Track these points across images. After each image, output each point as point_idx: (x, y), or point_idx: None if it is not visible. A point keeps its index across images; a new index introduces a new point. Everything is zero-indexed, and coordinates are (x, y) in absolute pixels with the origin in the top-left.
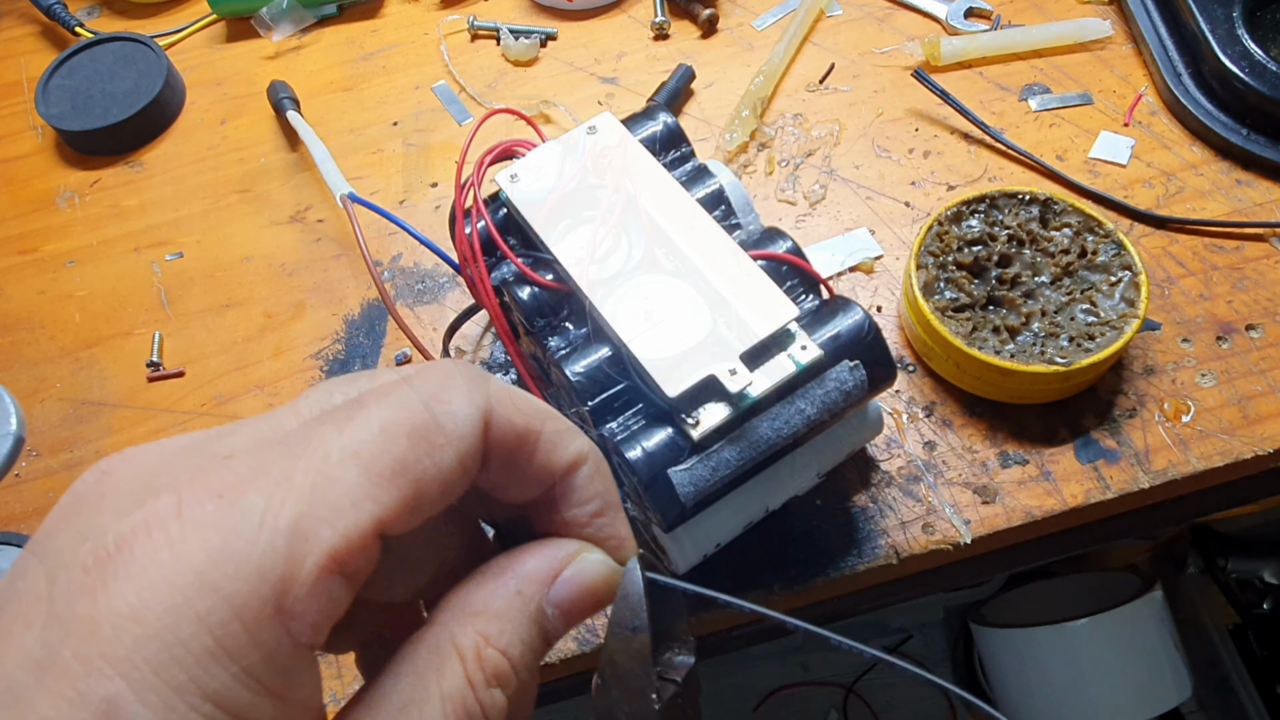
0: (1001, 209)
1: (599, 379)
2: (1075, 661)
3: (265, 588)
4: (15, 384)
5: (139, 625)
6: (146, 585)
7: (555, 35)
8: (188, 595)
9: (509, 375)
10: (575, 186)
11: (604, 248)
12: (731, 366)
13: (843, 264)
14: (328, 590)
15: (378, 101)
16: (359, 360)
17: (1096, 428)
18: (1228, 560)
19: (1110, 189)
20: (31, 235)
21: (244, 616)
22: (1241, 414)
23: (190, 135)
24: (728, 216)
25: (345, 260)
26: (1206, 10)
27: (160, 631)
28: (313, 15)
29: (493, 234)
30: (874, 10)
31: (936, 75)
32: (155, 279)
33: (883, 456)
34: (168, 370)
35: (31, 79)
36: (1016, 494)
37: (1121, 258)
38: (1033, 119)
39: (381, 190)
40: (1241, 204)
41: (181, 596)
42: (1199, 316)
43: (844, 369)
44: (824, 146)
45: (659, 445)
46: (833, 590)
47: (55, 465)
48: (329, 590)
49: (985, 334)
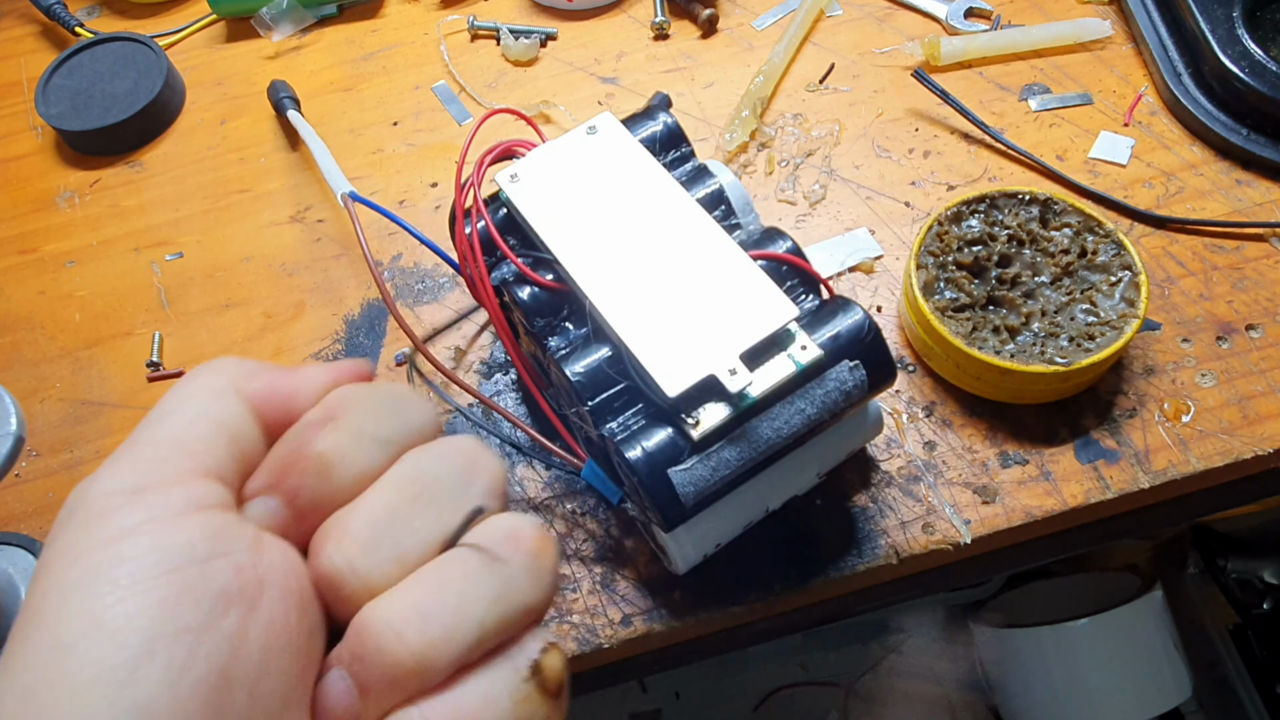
0: (1001, 209)
1: (599, 379)
2: (1075, 661)
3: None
4: (15, 384)
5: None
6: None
7: (555, 35)
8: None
9: (509, 375)
10: (575, 186)
11: (604, 248)
12: (731, 366)
13: (843, 264)
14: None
15: (378, 101)
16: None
17: (1096, 428)
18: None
19: (1110, 189)
20: (31, 235)
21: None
22: (1241, 414)
23: (190, 135)
24: (728, 216)
25: (345, 260)
26: (1206, 10)
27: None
28: (313, 15)
29: (493, 234)
30: (874, 10)
31: (936, 75)
32: (155, 279)
33: (883, 456)
34: (168, 370)
35: (31, 79)
36: (1016, 494)
37: (1121, 258)
38: (1033, 119)
39: (381, 190)
40: (1241, 204)
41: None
42: (1199, 316)
43: (844, 369)
44: (824, 146)
45: (659, 445)
46: (833, 590)
47: (55, 465)
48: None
49: (985, 334)
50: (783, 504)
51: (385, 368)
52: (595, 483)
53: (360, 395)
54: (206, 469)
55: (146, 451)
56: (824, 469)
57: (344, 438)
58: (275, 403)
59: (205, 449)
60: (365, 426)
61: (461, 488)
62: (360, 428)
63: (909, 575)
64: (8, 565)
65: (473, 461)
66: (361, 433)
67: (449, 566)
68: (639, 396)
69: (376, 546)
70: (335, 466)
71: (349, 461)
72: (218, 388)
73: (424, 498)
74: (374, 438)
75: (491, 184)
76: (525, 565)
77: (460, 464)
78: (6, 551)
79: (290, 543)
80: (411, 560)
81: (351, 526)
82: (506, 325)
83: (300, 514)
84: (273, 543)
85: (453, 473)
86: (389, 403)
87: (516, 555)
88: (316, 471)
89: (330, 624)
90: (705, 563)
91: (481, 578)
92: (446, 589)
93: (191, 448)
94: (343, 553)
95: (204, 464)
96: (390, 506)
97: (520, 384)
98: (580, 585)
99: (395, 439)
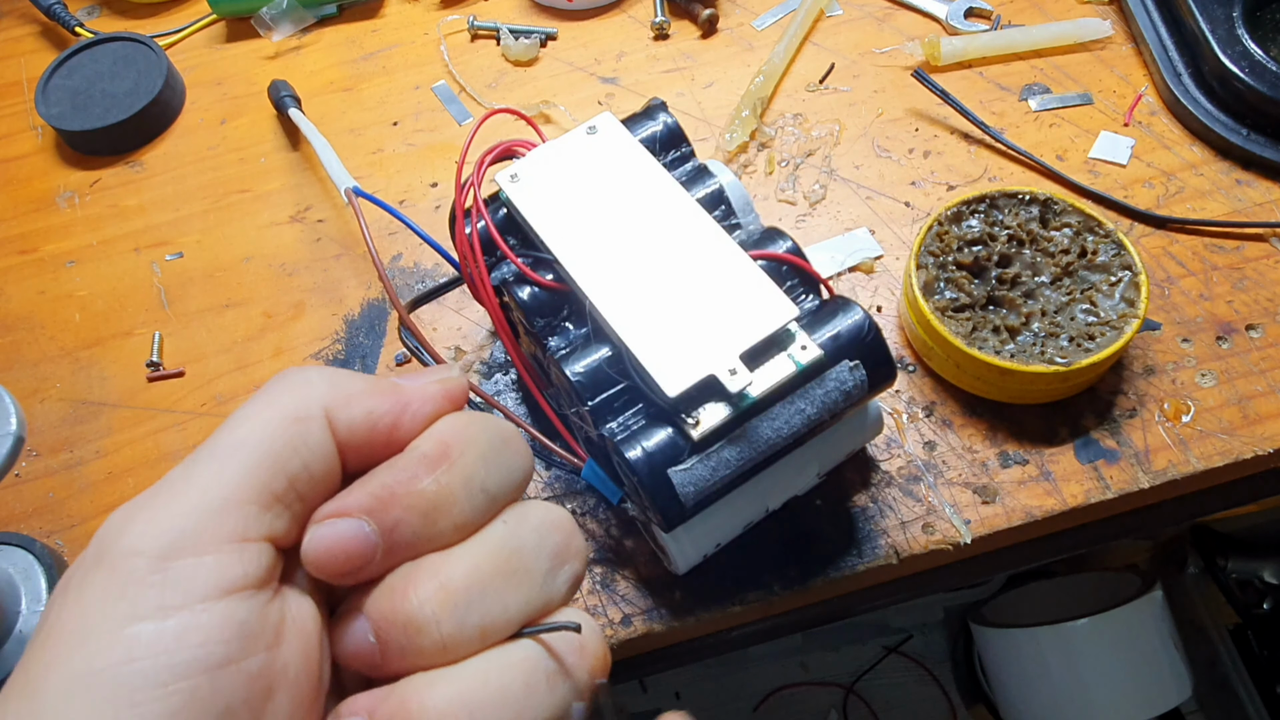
0: (1001, 209)
1: (599, 379)
2: (1075, 661)
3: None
4: (15, 384)
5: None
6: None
7: (555, 35)
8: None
9: (509, 375)
10: (575, 186)
11: (604, 247)
12: (731, 366)
13: (843, 264)
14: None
15: (378, 101)
16: (359, 360)
17: (1096, 428)
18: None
19: (1110, 189)
20: (31, 235)
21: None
22: (1241, 414)
23: (190, 135)
24: (728, 216)
25: (346, 260)
26: (1206, 10)
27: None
28: (313, 15)
29: (493, 234)
30: (874, 10)
31: (936, 75)
32: (155, 279)
33: (883, 456)
34: (168, 370)
35: (31, 79)
36: (1016, 494)
37: (1121, 258)
38: (1033, 119)
39: (382, 190)
40: (1241, 204)
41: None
42: (1199, 316)
43: (844, 369)
44: (824, 146)
45: (659, 445)
46: (833, 590)
47: (55, 465)
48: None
49: (985, 334)
50: (783, 504)
51: (385, 367)
52: (595, 483)
53: (473, 437)
54: (254, 530)
55: (193, 498)
56: (824, 469)
57: (455, 483)
58: (374, 437)
59: (259, 500)
60: (476, 474)
61: (553, 570)
62: (471, 475)
63: (909, 575)
64: (8, 565)
65: (568, 543)
66: (472, 480)
67: (516, 670)
68: (639, 396)
69: (468, 611)
70: (441, 511)
71: (457, 510)
72: (302, 413)
73: (520, 574)
74: (482, 488)
75: (491, 184)
76: (585, 684)
77: (558, 544)
78: (6, 551)
79: (320, 597)
80: (492, 636)
81: (451, 581)
82: (506, 325)
83: (392, 549)
84: (293, 628)
85: (550, 553)
86: (498, 447)
87: (581, 671)
88: (422, 512)
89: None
90: (705, 563)
91: (541, 694)
92: (507, 697)
93: (244, 497)
94: (434, 605)
95: (253, 525)
96: (491, 573)
97: (520, 384)
98: (580, 585)
99: (500, 494)
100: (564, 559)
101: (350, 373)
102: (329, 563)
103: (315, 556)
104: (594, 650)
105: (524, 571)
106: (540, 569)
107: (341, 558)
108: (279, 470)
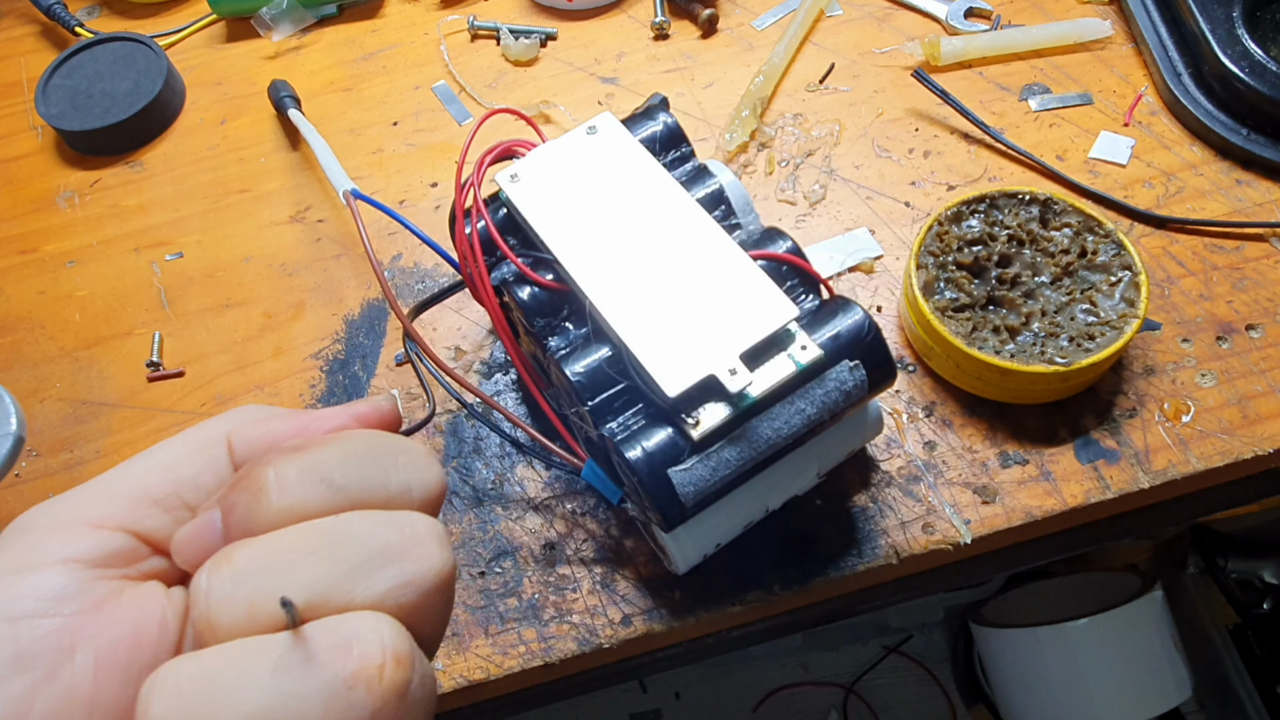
0: (1001, 209)
1: (599, 379)
2: (1075, 661)
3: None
4: (15, 384)
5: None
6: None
7: (555, 35)
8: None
9: (509, 375)
10: (575, 186)
11: (604, 247)
12: (731, 366)
13: (843, 264)
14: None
15: (378, 101)
16: (359, 360)
17: (1096, 428)
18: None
19: (1110, 189)
20: (31, 235)
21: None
22: (1241, 414)
23: (190, 135)
24: (728, 216)
25: (346, 260)
26: (1206, 10)
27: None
28: (313, 15)
29: (493, 234)
30: (874, 10)
31: (936, 75)
32: (155, 279)
33: (883, 456)
34: (168, 370)
35: (31, 79)
36: (1016, 494)
37: (1121, 258)
38: (1033, 119)
39: (382, 190)
40: (1241, 204)
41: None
42: (1199, 316)
43: (844, 369)
44: (824, 146)
45: (659, 445)
46: (833, 590)
47: (55, 465)
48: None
49: (985, 334)
50: (783, 504)
51: (385, 367)
52: (595, 483)
53: (346, 437)
54: (113, 520)
55: (97, 489)
56: (824, 469)
57: (290, 468)
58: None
59: (133, 497)
60: (321, 465)
61: (369, 564)
62: (315, 464)
63: (909, 575)
64: None
65: (407, 548)
66: (313, 469)
67: (263, 649)
68: (639, 396)
69: (240, 583)
70: (269, 493)
71: (285, 491)
72: (211, 436)
73: (319, 553)
74: (323, 478)
75: (491, 184)
76: (334, 680)
77: (390, 543)
78: None
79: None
80: (260, 619)
81: (235, 552)
82: (506, 325)
83: (229, 532)
84: (127, 604)
85: (373, 548)
86: (372, 453)
87: (333, 669)
88: (252, 492)
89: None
90: (705, 563)
91: (277, 678)
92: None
93: (120, 492)
94: (209, 575)
95: (115, 516)
96: (282, 549)
97: (520, 384)
98: (580, 585)
99: (350, 489)
100: (392, 558)
101: (277, 409)
102: (179, 550)
103: (174, 546)
104: (355, 651)
105: (325, 553)
106: (351, 557)
107: (192, 545)
108: (165, 478)
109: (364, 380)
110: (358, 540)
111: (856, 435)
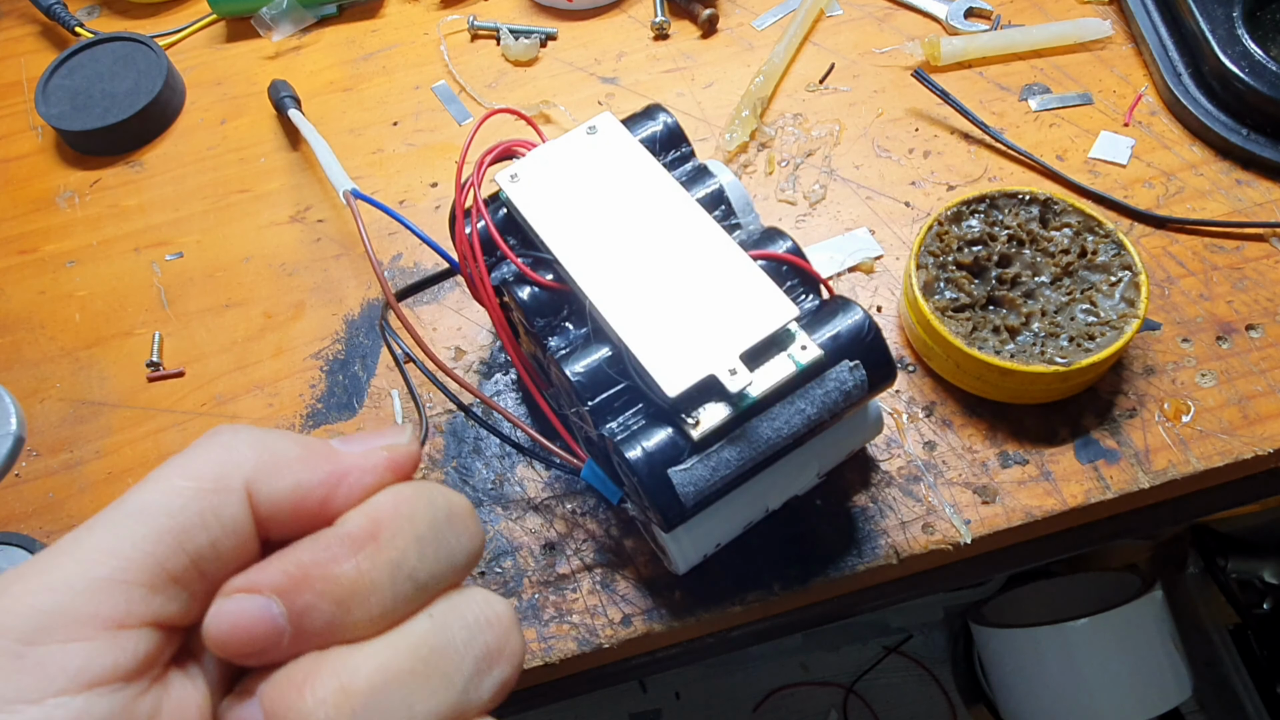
0: (1001, 209)
1: (599, 379)
2: (1075, 661)
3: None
4: (15, 384)
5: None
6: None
7: (555, 35)
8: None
9: (509, 375)
10: (575, 186)
11: (604, 248)
12: (731, 366)
13: (843, 264)
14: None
15: (378, 101)
16: (359, 360)
17: (1096, 428)
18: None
19: (1110, 189)
20: (31, 235)
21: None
22: (1241, 414)
23: (190, 135)
24: (728, 216)
25: (345, 260)
26: (1206, 10)
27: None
28: (313, 15)
29: (493, 234)
30: (874, 10)
31: (936, 75)
32: (155, 279)
33: (883, 456)
34: (168, 370)
35: (31, 79)
36: (1016, 494)
37: (1121, 258)
38: (1033, 119)
39: (382, 190)
40: (1241, 204)
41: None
42: (1199, 316)
43: (844, 369)
44: (824, 146)
45: (659, 445)
46: (833, 590)
47: (55, 465)
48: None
49: (985, 334)
50: (783, 504)
51: (385, 367)
52: (595, 483)
53: (411, 515)
54: (134, 615)
55: (70, 573)
56: (824, 469)
57: (380, 569)
58: (301, 510)
59: (149, 579)
60: (405, 561)
61: (477, 675)
62: (400, 561)
63: (909, 575)
64: (7, 565)
65: (502, 644)
66: (399, 567)
67: None
68: (639, 396)
69: (366, 717)
70: (360, 600)
71: (377, 600)
72: (220, 483)
73: (436, 678)
74: (410, 577)
75: (491, 184)
76: None
77: (489, 645)
78: (6, 551)
79: (214, 679)
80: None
81: (353, 683)
82: (506, 325)
83: (301, 635)
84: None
85: (478, 655)
86: (439, 528)
87: None
88: (337, 599)
89: None
90: (705, 563)
91: None
92: None
93: (131, 576)
94: (330, 708)
95: (135, 608)
96: (402, 675)
97: (520, 384)
98: (580, 585)
99: (432, 583)
100: (493, 662)
101: (284, 434)
102: (230, 643)
103: (217, 635)
104: None
105: (441, 675)
106: (463, 673)
107: (244, 639)
108: (179, 547)
109: (364, 380)
110: (463, 654)
111: (856, 435)
